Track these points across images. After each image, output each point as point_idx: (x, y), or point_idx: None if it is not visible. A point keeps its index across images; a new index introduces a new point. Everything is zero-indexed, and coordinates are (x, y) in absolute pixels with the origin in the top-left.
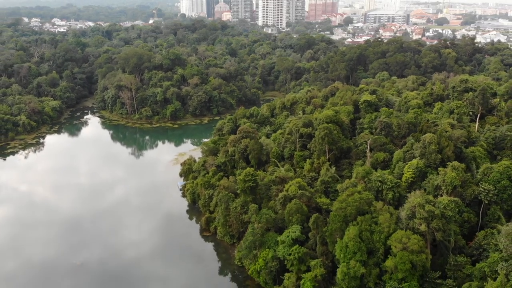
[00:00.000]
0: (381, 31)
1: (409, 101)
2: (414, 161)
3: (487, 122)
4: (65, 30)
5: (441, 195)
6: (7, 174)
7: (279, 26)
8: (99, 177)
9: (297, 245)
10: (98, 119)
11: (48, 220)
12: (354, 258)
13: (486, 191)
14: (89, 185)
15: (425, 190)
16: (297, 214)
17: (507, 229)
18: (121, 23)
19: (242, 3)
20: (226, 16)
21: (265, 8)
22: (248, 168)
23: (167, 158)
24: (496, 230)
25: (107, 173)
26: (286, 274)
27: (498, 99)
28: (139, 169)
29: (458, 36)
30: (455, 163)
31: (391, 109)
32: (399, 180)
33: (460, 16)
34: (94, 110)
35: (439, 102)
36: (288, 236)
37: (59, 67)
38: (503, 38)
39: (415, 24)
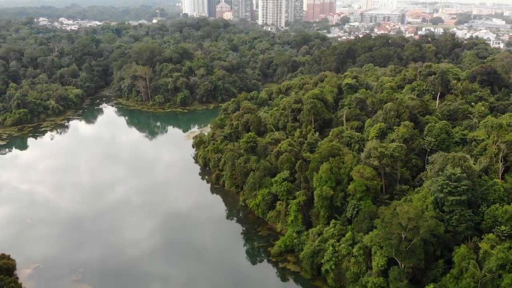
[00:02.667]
0: (375, 29)
1: (384, 84)
2: (378, 124)
3: (445, 99)
4: (76, 28)
5: None
6: (42, 149)
7: (278, 25)
8: (121, 152)
9: (286, 181)
10: (116, 105)
11: (87, 181)
12: (326, 185)
13: (429, 142)
14: (115, 157)
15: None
16: (287, 163)
17: (431, 157)
18: (127, 22)
19: (243, 3)
20: (227, 16)
21: (264, 8)
22: (250, 133)
23: (180, 135)
24: None
25: (128, 148)
26: (278, 202)
27: (456, 81)
28: (156, 145)
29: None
30: (406, 122)
31: (368, 91)
32: (363, 136)
33: (455, 16)
34: (112, 98)
35: (409, 84)
36: (280, 177)
37: (78, 60)
38: (492, 36)
39: (409, 23)
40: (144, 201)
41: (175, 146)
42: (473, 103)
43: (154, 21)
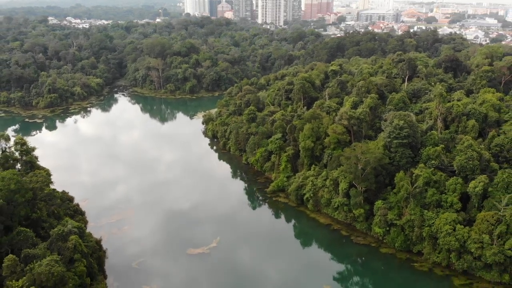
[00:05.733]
0: (370, 28)
1: (363, 70)
2: (351, 98)
3: (412, 81)
4: (87, 26)
5: None
6: (81, 124)
7: (277, 24)
8: (144, 130)
9: (279, 140)
10: (132, 93)
11: (124, 144)
12: (308, 140)
13: (389, 109)
14: (137, 134)
15: None
16: (280, 128)
17: (385, 116)
18: (135, 21)
19: (243, 3)
20: (228, 15)
21: (264, 8)
22: (250, 107)
23: (190, 116)
24: None
25: (148, 126)
26: (273, 156)
27: (422, 66)
28: (171, 124)
29: (440, 32)
30: (372, 94)
31: (350, 76)
32: (339, 106)
33: (449, 15)
34: (128, 87)
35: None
36: (274, 138)
37: (95, 54)
38: (481, 34)
39: (402, 22)
40: (162, 166)
41: (187, 125)
42: (432, 83)
43: (158, 20)
